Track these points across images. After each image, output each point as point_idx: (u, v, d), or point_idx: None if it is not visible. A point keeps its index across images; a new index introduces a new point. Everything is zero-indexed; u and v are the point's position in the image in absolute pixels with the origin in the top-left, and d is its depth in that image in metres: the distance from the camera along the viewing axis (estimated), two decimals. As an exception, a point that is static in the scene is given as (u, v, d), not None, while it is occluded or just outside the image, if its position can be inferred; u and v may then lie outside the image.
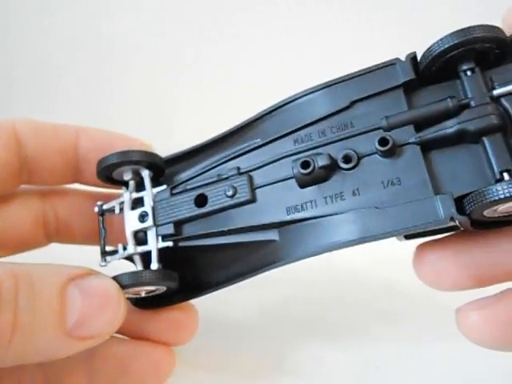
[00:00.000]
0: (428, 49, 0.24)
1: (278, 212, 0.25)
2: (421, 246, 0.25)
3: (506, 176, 0.22)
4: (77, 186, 0.33)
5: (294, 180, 0.25)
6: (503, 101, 0.23)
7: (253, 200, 0.26)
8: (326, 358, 0.33)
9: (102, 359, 0.29)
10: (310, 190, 0.25)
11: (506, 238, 0.25)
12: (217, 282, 0.28)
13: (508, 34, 0.24)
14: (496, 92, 0.23)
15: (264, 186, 0.26)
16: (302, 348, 0.34)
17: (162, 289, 0.28)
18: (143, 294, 0.28)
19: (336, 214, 0.24)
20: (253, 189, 0.26)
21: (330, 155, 0.25)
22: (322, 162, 0.25)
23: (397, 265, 0.27)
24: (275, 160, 0.26)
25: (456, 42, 0.23)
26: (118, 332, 0.27)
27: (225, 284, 0.27)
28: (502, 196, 0.21)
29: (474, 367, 0.31)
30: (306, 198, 0.25)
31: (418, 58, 0.25)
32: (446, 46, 0.23)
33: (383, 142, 0.24)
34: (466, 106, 0.23)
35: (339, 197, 0.24)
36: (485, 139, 0.23)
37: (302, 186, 0.25)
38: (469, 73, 0.24)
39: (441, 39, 0.24)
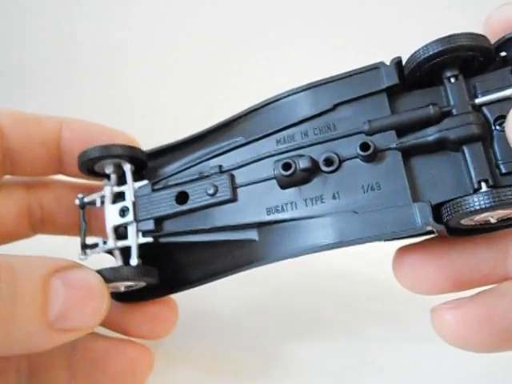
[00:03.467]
0: (413, 54, 0.24)
1: (259, 212, 0.26)
2: (400, 250, 0.26)
3: (483, 186, 0.22)
4: (62, 177, 0.33)
5: (275, 181, 0.25)
6: (485, 110, 0.23)
7: (233, 199, 0.26)
8: (314, 358, 0.33)
9: (82, 354, 0.29)
10: (291, 192, 0.25)
11: (484, 243, 0.25)
12: (196, 279, 0.28)
13: (492, 42, 0.24)
14: (478, 101, 0.23)
15: (245, 185, 0.26)
16: (292, 347, 0.34)
17: (141, 284, 0.28)
18: (122, 289, 0.28)
19: (315, 216, 0.24)
20: (234, 188, 0.26)
21: (311, 158, 0.25)
22: (303, 164, 0.25)
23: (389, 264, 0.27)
24: (257, 160, 0.26)
25: (441, 49, 0.23)
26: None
27: (204, 281, 0.28)
28: (478, 207, 0.21)
29: (470, 367, 0.31)
30: (286, 200, 0.25)
31: (404, 62, 0.25)
32: (431, 52, 0.23)
33: (364, 146, 0.24)
34: (448, 114, 0.24)
35: (319, 199, 0.25)
36: (465, 148, 0.23)
37: (283, 187, 0.25)
38: (452, 80, 0.24)
39: (426, 45, 0.23)
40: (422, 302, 0.26)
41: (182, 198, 0.27)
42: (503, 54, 0.24)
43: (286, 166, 0.25)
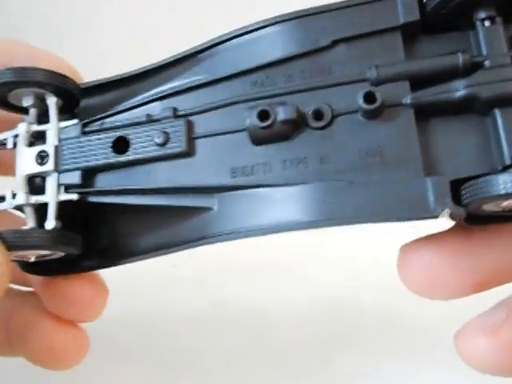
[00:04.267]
0: None
1: (220, 172, 0.20)
2: (406, 247, 0.20)
3: None
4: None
5: (246, 133, 0.19)
6: None
7: (189, 153, 0.20)
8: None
9: (15, 321, 0.24)
10: (266, 150, 0.19)
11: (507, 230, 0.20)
12: (140, 251, 0.22)
13: None
14: (520, 52, 0.18)
15: (206, 136, 0.20)
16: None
17: (59, 254, 0.21)
18: (33, 259, 0.21)
19: (295, 184, 0.19)
20: (191, 138, 0.20)
21: (296, 107, 0.19)
22: (285, 114, 0.19)
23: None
24: (225, 104, 0.20)
25: None
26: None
27: (147, 254, 0.21)
28: (506, 191, 0.16)
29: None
30: (258, 159, 0.19)
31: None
32: None
33: (370, 97, 0.18)
34: (479, 66, 0.18)
35: (302, 163, 0.19)
36: (497, 111, 0.18)
37: (256, 142, 0.19)
38: (487, 23, 0.18)
39: None
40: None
41: (121, 145, 0.20)
42: None
43: (263, 115, 0.19)
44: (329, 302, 0.32)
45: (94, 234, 0.22)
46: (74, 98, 0.22)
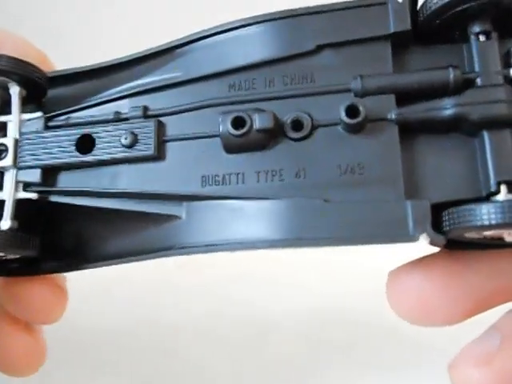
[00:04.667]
0: None
1: (190, 180, 0.18)
2: (395, 272, 0.19)
3: (502, 190, 0.16)
4: None
5: (219, 140, 0.18)
6: None
7: (158, 157, 0.19)
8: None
9: None
10: (239, 158, 0.18)
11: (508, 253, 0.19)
12: (104, 256, 0.20)
13: None
14: (515, 71, 0.17)
15: (177, 139, 0.19)
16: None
17: (14, 256, 0.20)
18: (-15, 259, 0.20)
19: (268, 198, 0.17)
20: (161, 141, 0.19)
21: (275, 115, 0.18)
22: (262, 122, 0.17)
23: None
24: (199, 107, 0.19)
25: None
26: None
27: (114, 260, 0.20)
28: (488, 223, 0.15)
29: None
30: (231, 168, 0.18)
31: (420, 2, 0.18)
32: None
33: (352, 111, 0.17)
34: (470, 83, 0.17)
35: (277, 175, 0.18)
36: (485, 133, 0.17)
37: (229, 150, 0.18)
38: (482, 37, 0.17)
39: None
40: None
41: (86, 144, 0.19)
42: None
43: (238, 122, 0.18)
44: (327, 312, 0.31)
45: (57, 235, 0.21)
46: (40, 88, 0.21)
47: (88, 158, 0.19)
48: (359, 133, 0.17)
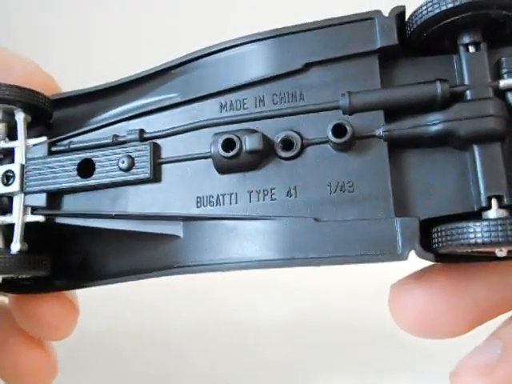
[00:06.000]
0: (421, 7, 0.17)
1: (186, 201, 0.19)
2: (397, 285, 0.19)
3: (493, 204, 0.16)
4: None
5: (211, 161, 0.19)
6: (510, 96, 0.17)
7: (154, 179, 0.19)
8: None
9: None
10: (232, 179, 0.18)
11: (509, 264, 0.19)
12: (108, 275, 0.21)
13: None
14: (504, 83, 0.17)
15: (173, 161, 0.19)
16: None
17: (26, 276, 0.21)
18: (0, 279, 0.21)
19: (260, 217, 0.18)
20: (157, 163, 0.19)
21: (264, 136, 0.18)
22: (252, 144, 0.18)
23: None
24: (192, 128, 0.19)
25: (463, 2, 0.16)
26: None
27: (117, 279, 0.21)
28: (478, 241, 0.15)
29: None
30: (224, 189, 0.18)
31: (408, 16, 0.18)
32: (449, 5, 0.16)
33: (339, 130, 0.17)
34: (460, 97, 0.17)
35: (268, 195, 0.18)
36: (475, 148, 0.16)
37: (221, 171, 0.18)
38: (471, 49, 0.17)
39: None
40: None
41: (86, 168, 0.20)
42: None
43: (228, 144, 0.18)
44: (318, 315, 0.32)
45: (65, 254, 0.22)
46: (45, 112, 0.22)
47: (89, 181, 0.20)
48: (348, 150, 0.17)
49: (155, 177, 0.19)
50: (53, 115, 0.22)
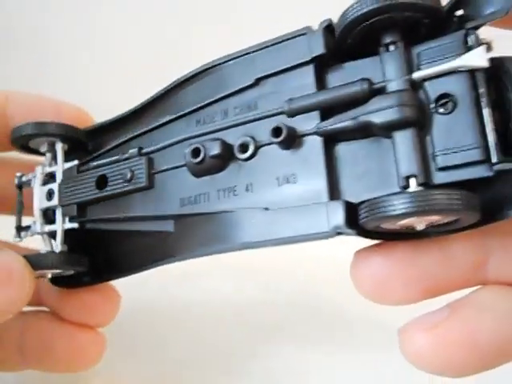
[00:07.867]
0: (342, 14, 0.19)
1: (173, 203, 0.23)
2: (359, 253, 0.21)
3: (411, 183, 0.18)
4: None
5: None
6: (427, 86, 0.19)
7: (149, 186, 0.23)
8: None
9: (32, 336, 0.28)
10: (205, 181, 0.22)
11: (459, 242, 0.20)
12: (124, 268, 0.26)
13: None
14: (417, 75, 0.19)
15: (163, 171, 0.23)
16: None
17: (69, 272, 0.26)
18: (49, 275, 0.27)
19: (226, 211, 0.21)
20: (151, 174, 0.24)
21: (223, 142, 0.21)
22: (213, 150, 0.21)
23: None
24: (175, 142, 0.23)
25: (375, 6, 0.18)
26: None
27: (130, 272, 0.25)
28: (395, 212, 0.17)
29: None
30: (199, 190, 0.22)
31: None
32: (365, 10, 0.19)
33: (276, 131, 0.20)
34: (380, 92, 0.19)
35: (232, 191, 0.21)
36: (395, 134, 0.19)
37: (196, 175, 0.22)
38: (391, 47, 0.19)
39: (358, 2, 0.19)
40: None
41: (102, 182, 0.25)
42: (459, 12, 0.19)
43: (195, 153, 0.22)
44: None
45: (95, 253, 0.27)
46: (81, 142, 0.27)
47: (104, 193, 0.24)
48: (291, 147, 0.20)
49: (150, 185, 0.23)
50: (88, 143, 0.28)
